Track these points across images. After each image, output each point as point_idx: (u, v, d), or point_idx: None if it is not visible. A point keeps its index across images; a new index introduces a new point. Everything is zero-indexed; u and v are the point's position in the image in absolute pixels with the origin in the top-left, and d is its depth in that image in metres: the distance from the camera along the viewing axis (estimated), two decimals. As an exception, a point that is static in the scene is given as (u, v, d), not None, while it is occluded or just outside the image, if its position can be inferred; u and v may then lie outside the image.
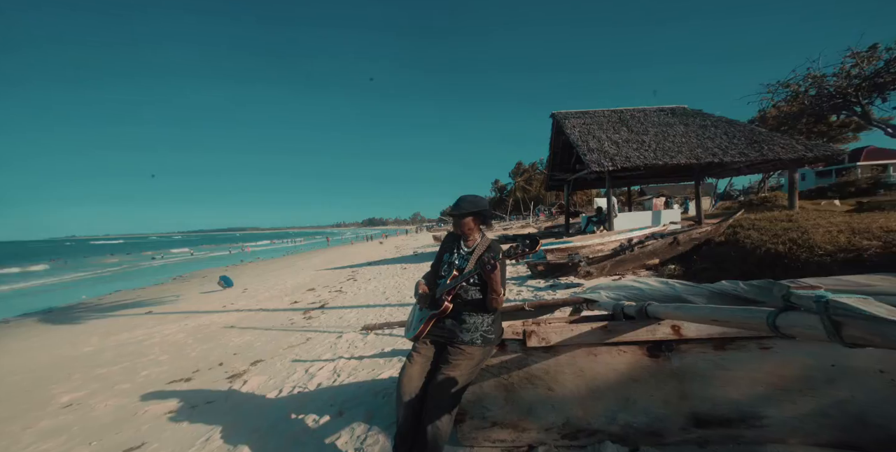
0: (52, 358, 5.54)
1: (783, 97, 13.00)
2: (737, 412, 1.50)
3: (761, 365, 1.47)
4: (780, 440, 1.48)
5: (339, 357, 3.73)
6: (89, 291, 14.65)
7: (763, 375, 1.47)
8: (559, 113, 11.68)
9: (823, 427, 1.43)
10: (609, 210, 9.74)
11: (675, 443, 1.60)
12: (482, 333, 1.72)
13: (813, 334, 0.79)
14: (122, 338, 6.32)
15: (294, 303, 7.48)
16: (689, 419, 1.56)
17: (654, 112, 11.27)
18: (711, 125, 10.12)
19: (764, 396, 1.47)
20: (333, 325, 5.21)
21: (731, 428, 1.52)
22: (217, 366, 4.08)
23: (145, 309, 9.16)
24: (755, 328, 0.95)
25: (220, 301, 9.12)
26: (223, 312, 7.58)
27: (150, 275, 19.60)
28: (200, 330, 6.16)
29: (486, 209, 1.94)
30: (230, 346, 4.89)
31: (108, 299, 12.30)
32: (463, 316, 1.74)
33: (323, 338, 4.57)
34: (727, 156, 8.84)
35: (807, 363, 1.44)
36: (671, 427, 1.58)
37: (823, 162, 15.67)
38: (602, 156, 9.31)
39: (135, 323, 7.62)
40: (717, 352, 1.52)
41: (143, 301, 10.88)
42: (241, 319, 6.59)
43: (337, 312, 6.10)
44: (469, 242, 1.92)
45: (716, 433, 1.54)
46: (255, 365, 3.93)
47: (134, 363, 4.69)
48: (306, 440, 2.22)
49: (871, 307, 0.69)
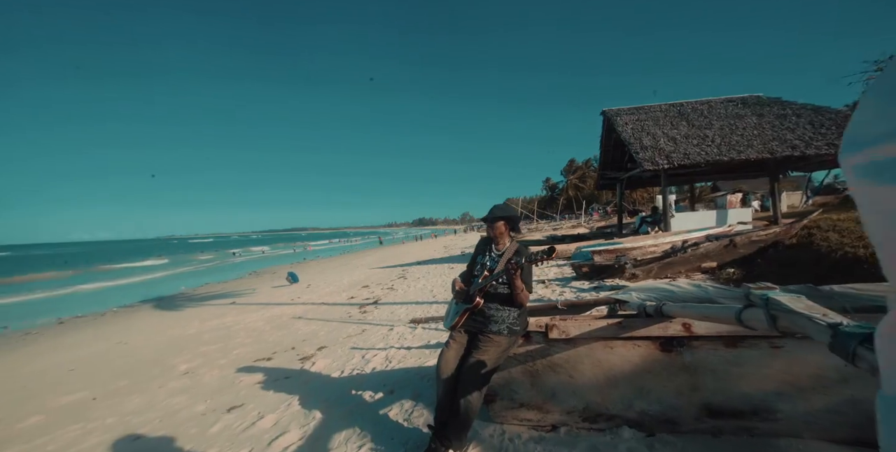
0: (166, 337, 6.78)
1: None
2: (749, 405, 1.60)
3: (772, 363, 1.56)
4: (794, 434, 1.55)
5: (391, 346, 4.19)
6: (186, 283, 17.15)
7: (774, 372, 1.56)
8: (610, 110, 11.28)
9: (837, 424, 1.48)
10: (665, 209, 9.23)
11: (690, 432, 1.73)
12: (508, 325, 1.99)
13: (761, 326, 0.97)
14: (215, 324, 7.47)
15: (351, 298, 8.21)
16: (702, 409, 1.68)
17: (721, 103, 10.39)
18: (793, 114, 9.09)
19: (776, 392, 1.56)
20: (385, 319, 5.72)
21: (743, 420, 1.62)
22: (290, 349, 4.76)
23: (230, 300, 10.61)
24: (727, 321, 1.13)
25: (289, 294, 10.26)
26: (291, 304, 8.57)
27: (231, 271, 22.31)
28: (274, 320, 7.08)
29: (515, 215, 2.21)
30: (299, 334, 5.62)
31: (200, 290, 14.35)
32: (492, 310, 2.03)
33: (376, 330, 5.08)
34: (810, 149, 7.92)
35: (820, 362, 1.50)
36: (685, 416, 1.72)
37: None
38: (657, 153, 8.87)
39: (222, 311, 8.90)
40: (729, 349, 1.63)
41: (227, 292, 12.54)
42: (307, 311, 7.43)
43: (389, 307, 6.65)
44: (499, 246, 2.20)
45: (728, 423, 1.65)
46: (321, 350, 4.54)
47: (226, 343, 5.60)
48: (364, 411, 2.65)
49: (795, 303, 0.87)
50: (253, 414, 2.86)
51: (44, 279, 23.09)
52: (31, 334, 8.91)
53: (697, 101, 10.72)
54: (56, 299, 15.02)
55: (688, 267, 5.46)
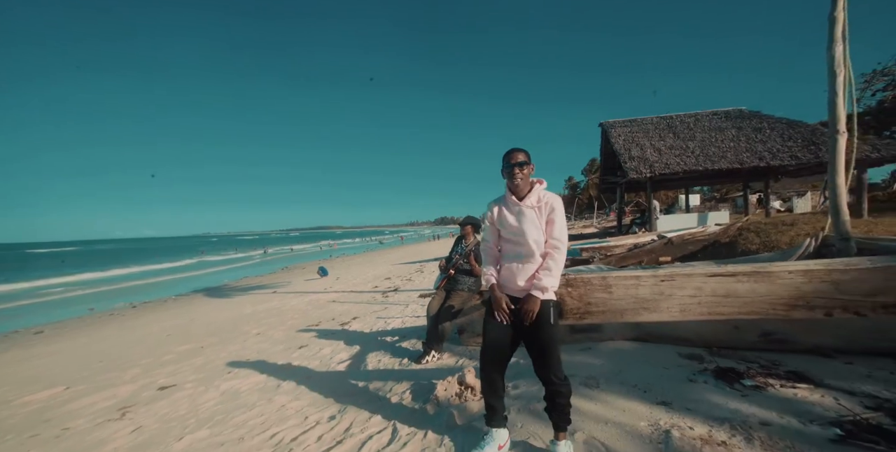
0: (228, 315, 8.60)
1: (881, 87, 11.86)
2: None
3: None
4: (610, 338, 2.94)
5: (405, 316, 5.72)
6: (228, 276, 19.41)
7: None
8: (606, 122, 12.44)
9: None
10: (650, 212, 10.35)
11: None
12: (469, 286, 3.48)
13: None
14: (264, 307, 9.26)
15: (375, 287, 9.85)
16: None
17: (707, 116, 11.40)
18: (768, 127, 10.06)
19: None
20: (403, 301, 7.28)
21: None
22: (331, 320, 6.38)
23: (271, 290, 12.50)
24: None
25: (321, 285, 12.03)
26: (325, 292, 10.29)
27: (265, 266, 24.63)
28: (314, 303, 8.78)
29: (477, 222, 3.68)
30: (336, 311, 7.26)
31: (241, 282, 16.46)
32: (459, 276, 3.52)
33: (396, 307, 6.64)
34: (775, 160, 8.92)
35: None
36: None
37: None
38: (641, 163, 10.04)
39: (267, 298, 10.74)
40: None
41: (265, 284, 14.51)
42: (339, 297, 9.09)
43: (406, 293, 8.21)
44: (467, 240, 3.68)
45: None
46: (354, 319, 6.12)
47: (280, 318, 7.31)
48: (386, 345, 4.19)
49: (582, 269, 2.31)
50: (316, 349, 4.46)
51: (120, 273, 26.07)
52: (114, 315, 11.04)
53: (686, 114, 11.75)
54: (117, 290, 17.43)
55: (647, 259, 6.71)
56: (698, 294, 2.30)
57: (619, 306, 2.44)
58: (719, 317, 2.26)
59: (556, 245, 1.72)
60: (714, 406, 1.88)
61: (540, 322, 1.66)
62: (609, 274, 2.40)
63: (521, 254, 1.75)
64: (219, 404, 3.11)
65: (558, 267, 1.71)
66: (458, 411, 2.12)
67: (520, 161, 1.73)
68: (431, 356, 3.30)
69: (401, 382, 2.82)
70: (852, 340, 2.30)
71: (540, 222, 1.73)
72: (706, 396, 1.99)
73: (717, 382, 2.15)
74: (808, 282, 2.18)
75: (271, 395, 3.06)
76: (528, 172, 1.76)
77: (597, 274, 2.44)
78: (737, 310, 2.26)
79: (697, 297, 2.30)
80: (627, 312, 2.43)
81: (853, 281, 2.12)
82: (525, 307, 1.66)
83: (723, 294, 2.26)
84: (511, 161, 1.74)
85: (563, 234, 1.73)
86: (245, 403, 3.01)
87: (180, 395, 3.50)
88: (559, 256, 1.71)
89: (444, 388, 2.30)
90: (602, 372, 2.38)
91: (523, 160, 1.74)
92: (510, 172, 1.74)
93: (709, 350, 2.67)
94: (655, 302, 2.36)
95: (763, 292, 2.23)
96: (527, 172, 1.75)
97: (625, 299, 2.41)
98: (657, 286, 2.35)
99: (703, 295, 2.30)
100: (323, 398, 2.81)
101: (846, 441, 1.53)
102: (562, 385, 1.64)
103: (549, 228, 1.73)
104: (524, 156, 1.75)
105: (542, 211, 1.74)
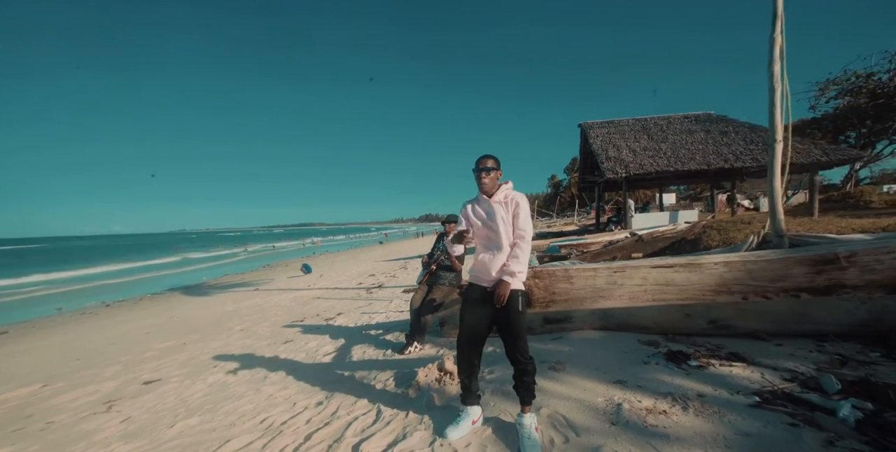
0: (210, 312, 8.54)
1: (833, 95, 12.73)
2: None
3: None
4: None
5: (389, 311, 5.89)
6: (208, 274, 18.99)
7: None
8: (585, 123, 12.87)
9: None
10: (625, 210, 10.83)
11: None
12: (449, 281, 3.68)
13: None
14: (248, 304, 9.23)
15: (359, 284, 9.95)
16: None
17: (679, 119, 11.96)
18: (733, 131, 10.67)
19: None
20: (387, 297, 7.43)
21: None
22: (316, 316, 6.48)
23: (253, 288, 12.39)
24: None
25: (305, 282, 12.01)
26: (309, 289, 10.31)
27: (246, 264, 24.18)
28: (298, 300, 8.82)
29: (459, 218, 3.88)
30: (320, 307, 7.34)
31: (222, 280, 16.17)
32: (441, 272, 3.71)
33: (380, 303, 6.79)
34: (738, 162, 9.51)
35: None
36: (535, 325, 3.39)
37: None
38: (618, 163, 10.48)
39: (249, 295, 10.68)
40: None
41: (247, 282, 14.34)
42: (323, 294, 9.16)
43: (390, 289, 8.36)
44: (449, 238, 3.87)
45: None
46: (339, 315, 6.25)
47: (264, 314, 7.34)
48: (370, 338, 4.36)
49: (558, 263, 2.54)
50: (301, 343, 4.59)
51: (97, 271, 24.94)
52: (87, 313, 10.71)
53: (659, 117, 12.29)
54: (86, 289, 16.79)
55: (620, 255, 7.09)
56: (644, 283, 2.63)
57: (579, 295, 2.72)
58: (661, 303, 2.57)
59: (522, 235, 1.98)
60: (661, 383, 2.15)
61: (509, 310, 1.89)
62: (570, 267, 2.68)
63: (492, 246, 2.00)
64: (207, 395, 3.21)
65: (525, 254, 1.97)
66: (438, 394, 2.32)
67: (487, 166, 2.02)
68: (414, 347, 3.49)
69: (384, 370, 3.00)
70: (782, 324, 2.64)
71: (507, 216, 2.00)
72: (656, 375, 2.26)
73: (668, 363, 2.43)
74: (728, 271, 2.55)
75: (259, 386, 3.19)
76: (494, 176, 2.05)
77: (560, 267, 2.71)
78: (675, 297, 2.61)
79: (643, 286, 2.63)
80: (587, 300, 2.72)
81: (761, 270, 2.50)
82: (497, 291, 1.89)
83: (663, 282, 2.60)
84: (480, 166, 2.03)
85: (527, 225, 2.00)
86: (234, 394, 3.13)
87: (167, 388, 3.57)
88: (525, 245, 1.97)
89: (424, 374, 2.50)
90: (569, 357, 2.63)
91: (491, 166, 2.03)
92: (478, 175, 2.04)
93: (665, 336, 2.97)
94: (609, 291, 2.67)
95: (695, 280, 2.59)
96: (493, 176, 2.04)
97: (584, 289, 2.70)
98: (610, 276, 2.68)
99: (647, 284, 2.63)
100: (310, 386, 2.97)
101: (761, 406, 1.82)
102: (527, 364, 1.87)
103: (514, 221, 2.00)
104: (492, 163, 2.04)
105: (508, 206, 2.01)
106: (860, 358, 2.33)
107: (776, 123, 3.34)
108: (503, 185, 2.08)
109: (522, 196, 2.05)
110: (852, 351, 2.46)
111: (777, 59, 3.39)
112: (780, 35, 3.39)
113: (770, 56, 3.43)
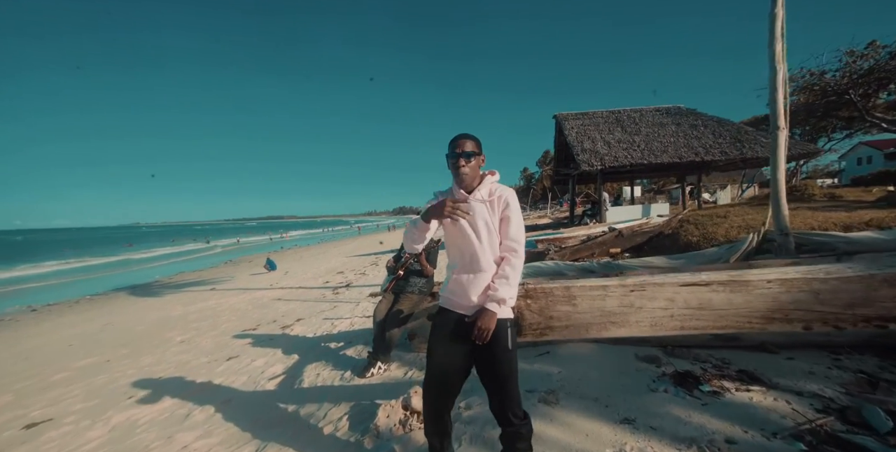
0: (153, 318, 7.58)
1: (790, 92, 13.17)
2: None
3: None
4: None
5: (355, 316, 5.30)
6: (161, 272, 17.42)
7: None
8: (560, 114, 12.59)
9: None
10: (600, 204, 10.71)
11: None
12: (419, 288, 3.16)
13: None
14: (199, 306, 8.30)
15: (326, 283, 9.22)
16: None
17: (651, 112, 11.93)
18: (702, 125, 10.73)
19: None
20: (354, 298, 6.81)
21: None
22: (272, 322, 5.78)
23: (209, 287, 11.33)
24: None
25: (268, 280, 11.10)
26: (270, 289, 9.47)
27: (207, 260, 22.51)
28: (256, 301, 8.00)
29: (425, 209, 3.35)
30: (279, 311, 6.62)
31: (175, 279, 14.81)
32: (410, 277, 3.18)
33: (345, 306, 6.17)
34: (708, 156, 9.55)
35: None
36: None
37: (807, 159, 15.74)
38: (593, 156, 10.27)
39: (203, 296, 9.68)
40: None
41: (204, 280, 13.17)
42: (285, 294, 8.38)
43: (359, 289, 7.73)
44: (418, 238, 3.33)
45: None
46: (298, 321, 5.58)
47: (214, 320, 6.53)
48: (329, 353, 3.78)
49: (546, 265, 2.05)
50: (247, 360, 3.92)
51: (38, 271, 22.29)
52: (3, 321, 9.28)
53: (632, 109, 12.21)
54: (17, 291, 14.93)
55: (599, 251, 6.85)
56: (670, 306, 2.12)
57: (583, 320, 2.21)
58: (693, 332, 2.12)
59: (514, 247, 1.44)
60: (678, 422, 1.75)
61: (495, 348, 1.38)
62: (573, 284, 2.16)
63: (471, 261, 1.45)
64: (101, 447, 2.49)
65: (516, 273, 1.43)
66: (401, 445, 1.81)
67: (466, 151, 1.44)
68: (377, 367, 2.96)
69: (339, 404, 2.44)
70: (791, 335, 2.32)
71: (493, 220, 1.44)
72: (668, 409, 1.87)
73: (677, 390, 2.05)
74: (786, 292, 2.04)
75: (175, 430, 2.50)
76: (476, 163, 1.48)
77: (559, 283, 2.18)
78: (711, 324, 2.08)
79: (669, 310, 2.12)
80: (593, 327, 2.22)
81: (833, 291, 2.00)
82: (479, 323, 1.36)
83: (696, 305, 2.09)
84: (456, 150, 1.44)
85: (520, 235, 1.46)
86: (137, 445, 2.42)
87: (52, 436, 2.78)
88: (517, 261, 1.43)
89: (385, 414, 1.99)
90: (561, 383, 2.20)
91: (471, 150, 1.44)
92: (455, 162, 1.44)
93: (664, 348, 2.61)
94: (624, 316, 2.16)
95: (739, 303, 2.07)
96: (475, 163, 1.47)
97: (590, 312, 2.18)
98: (626, 297, 2.15)
99: (675, 308, 2.12)
100: (240, 432, 2.35)
101: (812, 457, 1.45)
102: (521, 426, 1.38)
103: (503, 227, 1.45)
104: (473, 146, 1.45)
105: (494, 206, 1.45)
106: (887, 376, 2.05)
107: (778, 109, 3.03)
108: (487, 177, 1.50)
109: (512, 192, 1.50)
110: (873, 366, 2.19)
111: (778, 37, 3.04)
112: (781, 9, 3.04)
113: (770, 34, 3.08)
